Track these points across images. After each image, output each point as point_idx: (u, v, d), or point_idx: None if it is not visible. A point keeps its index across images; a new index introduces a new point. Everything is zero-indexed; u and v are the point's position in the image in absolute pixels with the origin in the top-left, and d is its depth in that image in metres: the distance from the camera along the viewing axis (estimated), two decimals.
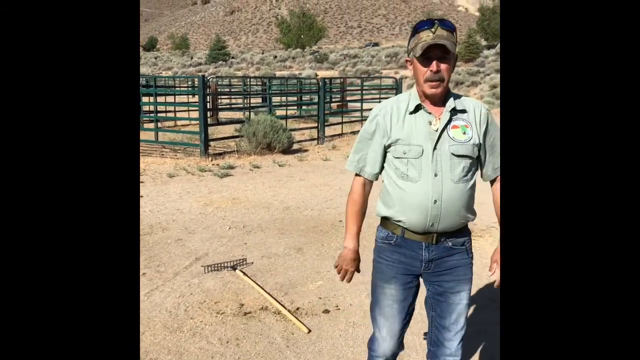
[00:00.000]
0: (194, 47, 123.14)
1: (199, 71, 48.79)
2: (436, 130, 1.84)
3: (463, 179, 1.86)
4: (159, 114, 14.71)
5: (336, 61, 51.08)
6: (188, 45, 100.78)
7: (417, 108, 1.88)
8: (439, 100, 1.89)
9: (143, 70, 46.79)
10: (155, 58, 67.86)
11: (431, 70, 1.79)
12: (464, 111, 1.90)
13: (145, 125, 12.73)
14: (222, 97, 19.02)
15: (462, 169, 1.85)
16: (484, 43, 51.07)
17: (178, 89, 20.71)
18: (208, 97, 13.55)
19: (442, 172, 1.82)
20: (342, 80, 19.21)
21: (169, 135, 11.91)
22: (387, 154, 1.93)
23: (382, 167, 1.98)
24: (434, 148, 1.83)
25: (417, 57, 1.81)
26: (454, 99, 1.90)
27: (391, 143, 1.89)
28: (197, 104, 10.83)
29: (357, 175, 2.02)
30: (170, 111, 15.90)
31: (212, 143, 10.46)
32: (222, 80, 23.45)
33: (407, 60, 1.95)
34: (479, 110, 1.91)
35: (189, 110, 14.81)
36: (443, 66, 1.80)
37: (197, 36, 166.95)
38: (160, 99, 16.05)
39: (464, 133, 1.86)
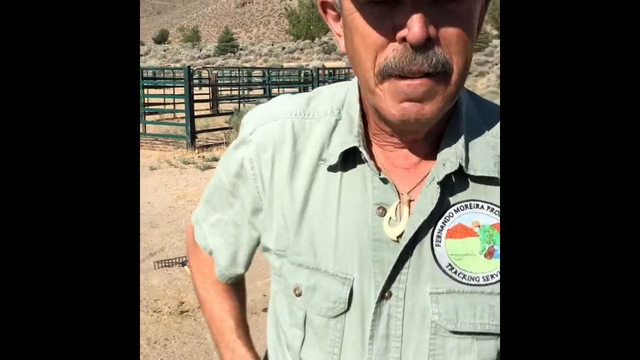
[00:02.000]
0: (205, 39, 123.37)
1: (207, 63, 48.87)
2: (397, 240, 0.66)
3: None
4: (157, 106, 14.78)
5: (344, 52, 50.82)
6: (199, 37, 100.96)
7: (350, 157, 0.69)
8: (424, 139, 0.69)
9: (151, 62, 46.99)
10: (165, 50, 68.10)
11: (410, 44, 0.56)
12: (493, 180, 0.66)
13: (147, 118, 12.63)
14: (223, 88, 18.94)
15: None
16: (494, 32, 50.35)
17: (179, 80, 20.68)
18: (207, 88, 13.48)
19: None
20: (347, 70, 19.13)
21: (165, 127, 11.82)
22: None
23: (248, 265, 0.86)
24: (382, 295, 0.67)
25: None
26: (467, 134, 0.68)
27: (269, 248, 0.76)
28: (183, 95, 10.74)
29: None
30: (169, 103, 15.80)
31: (204, 135, 10.36)
32: (223, 72, 23.39)
33: (322, 7, 0.70)
34: None
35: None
36: (450, 31, 0.57)
37: (209, 28, 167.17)
38: (159, 91, 16.00)
39: (486, 254, 0.66)
